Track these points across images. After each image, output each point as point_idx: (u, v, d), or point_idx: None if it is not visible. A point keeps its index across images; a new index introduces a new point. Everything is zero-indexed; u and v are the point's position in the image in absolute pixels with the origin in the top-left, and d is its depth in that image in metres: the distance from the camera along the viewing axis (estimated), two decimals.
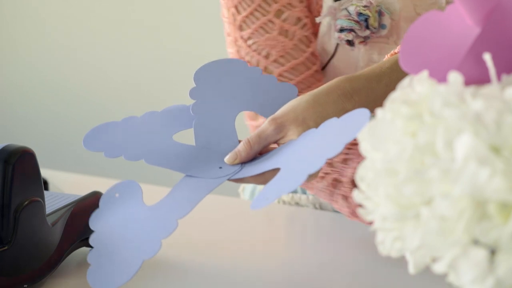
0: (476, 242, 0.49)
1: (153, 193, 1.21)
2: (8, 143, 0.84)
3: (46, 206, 0.87)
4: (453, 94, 0.52)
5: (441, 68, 0.57)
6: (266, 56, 1.06)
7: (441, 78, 0.55)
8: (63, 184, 1.21)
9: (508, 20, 0.56)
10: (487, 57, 0.54)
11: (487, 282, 0.48)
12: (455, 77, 0.53)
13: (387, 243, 0.55)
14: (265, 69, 1.07)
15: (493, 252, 0.49)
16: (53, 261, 0.87)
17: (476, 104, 0.50)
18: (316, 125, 0.83)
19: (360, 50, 1.04)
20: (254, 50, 1.07)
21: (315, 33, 1.08)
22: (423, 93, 0.55)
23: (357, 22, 1.00)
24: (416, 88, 0.56)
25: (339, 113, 0.83)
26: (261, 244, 1.05)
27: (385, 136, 0.55)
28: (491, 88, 0.53)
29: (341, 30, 1.02)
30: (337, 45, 1.06)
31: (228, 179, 0.86)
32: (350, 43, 1.03)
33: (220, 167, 0.88)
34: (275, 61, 1.06)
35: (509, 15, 0.56)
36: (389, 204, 0.53)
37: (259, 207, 0.77)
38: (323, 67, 1.09)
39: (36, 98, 2.87)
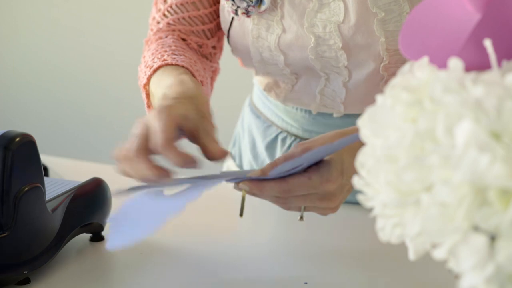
0: (476, 229, 0.49)
1: None
2: (8, 129, 0.84)
3: (46, 192, 0.87)
4: (453, 80, 0.52)
5: (442, 54, 0.56)
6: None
7: (441, 64, 0.55)
8: (63, 170, 1.21)
9: (509, 6, 0.56)
10: (488, 43, 0.53)
11: (487, 269, 0.48)
12: (455, 63, 0.53)
13: (387, 230, 0.55)
14: (163, 14, 1.13)
15: (493, 238, 0.49)
16: (53, 247, 0.87)
17: (477, 90, 0.50)
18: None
19: (249, 25, 1.06)
20: None
21: None
22: (424, 79, 0.54)
23: None
24: (416, 74, 0.56)
25: None
26: (262, 230, 1.05)
27: (385, 122, 0.54)
28: (492, 74, 0.53)
29: None
30: (233, 17, 1.08)
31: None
32: (236, 12, 1.05)
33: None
34: (170, 6, 1.12)
35: (510, 1, 0.56)
36: (389, 190, 0.53)
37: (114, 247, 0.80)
38: (228, 37, 1.12)
39: (36, 84, 2.86)
